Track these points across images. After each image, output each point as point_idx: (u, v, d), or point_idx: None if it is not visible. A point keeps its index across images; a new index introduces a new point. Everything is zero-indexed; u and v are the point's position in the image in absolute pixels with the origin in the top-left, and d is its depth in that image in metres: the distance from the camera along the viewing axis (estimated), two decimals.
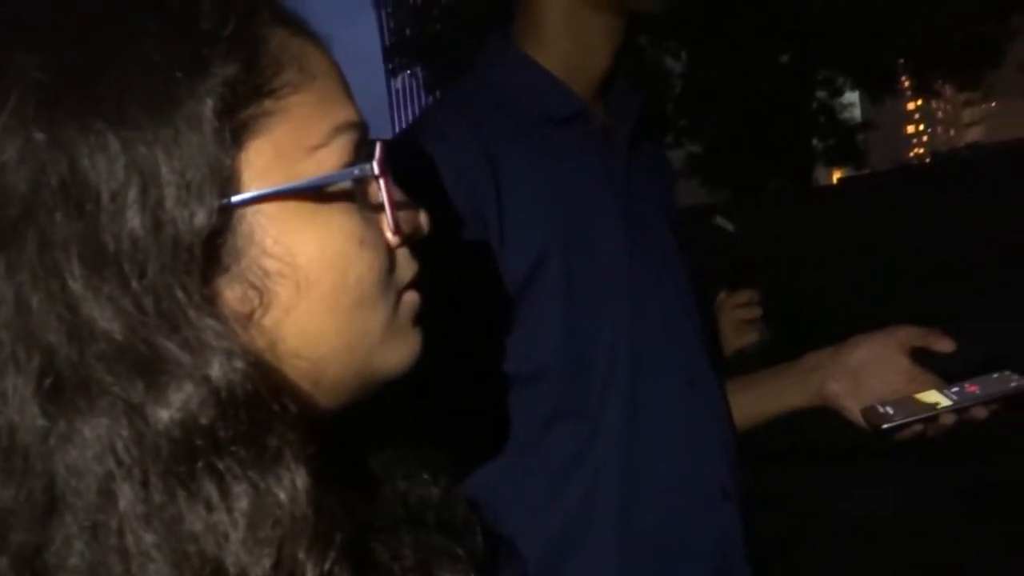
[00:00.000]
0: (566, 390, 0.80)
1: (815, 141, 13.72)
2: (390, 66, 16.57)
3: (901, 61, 11.98)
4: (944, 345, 0.87)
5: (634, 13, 0.86)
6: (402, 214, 0.46)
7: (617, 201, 0.86)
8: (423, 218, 0.47)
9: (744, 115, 11.98)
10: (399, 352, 0.46)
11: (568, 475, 0.80)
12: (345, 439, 0.46)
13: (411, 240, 0.47)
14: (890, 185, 13.37)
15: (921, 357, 0.88)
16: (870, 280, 8.08)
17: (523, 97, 0.85)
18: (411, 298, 0.47)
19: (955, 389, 0.82)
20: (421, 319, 0.47)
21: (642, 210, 0.88)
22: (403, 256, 0.46)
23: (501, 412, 0.79)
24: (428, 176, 0.77)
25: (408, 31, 14.56)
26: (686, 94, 12.87)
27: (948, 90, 14.79)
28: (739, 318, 1.09)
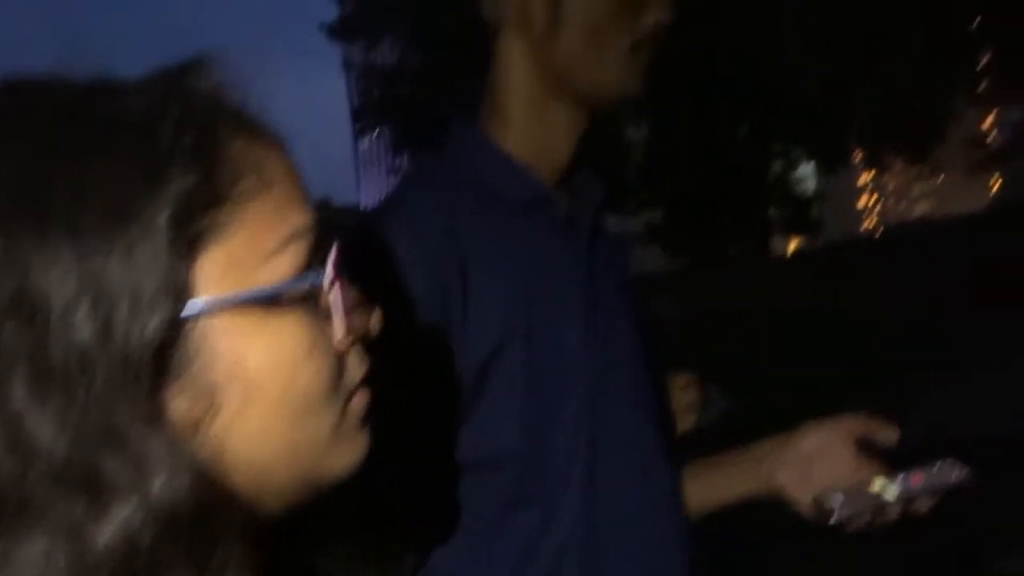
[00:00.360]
0: (525, 477, 0.80)
1: (771, 211, 14.07)
2: (358, 126, 16.72)
3: (854, 135, 12.41)
4: (889, 435, 0.90)
5: (595, 103, 0.89)
6: (354, 316, 0.46)
7: (578, 287, 0.87)
8: (376, 318, 0.48)
9: (703, 185, 12.28)
10: (347, 454, 0.46)
11: (526, 564, 0.80)
12: (292, 538, 0.46)
13: (363, 340, 0.47)
14: (844, 255, 13.70)
15: (868, 445, 0.90)
16: (825, 349, 8.20)
17: (488, 182, 0.87)
18: (360, 399, 0.47)
19: (900, 479, 0.85)
20: (370, 418, 0.47)
21: (603, 296, 0.89)
22: (354, 357, 0.46)
23: (460, 500, 0.79)
24: (393, 260, 0.78)
25: (377, 93, 14.74)
26: (647, 162, 13.16)
27: (898, 164, 15.31)
28: (678, 402, 1.11)
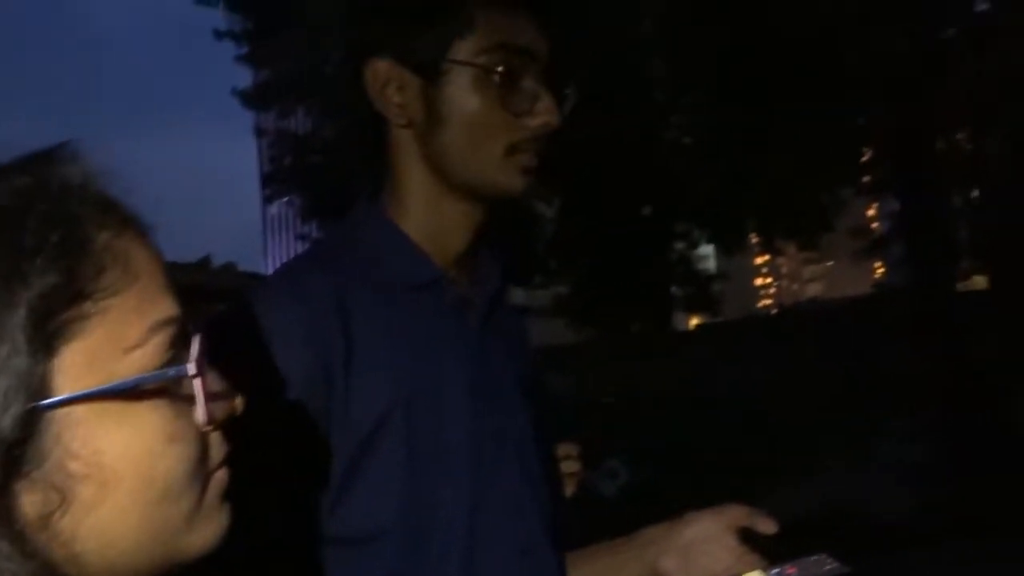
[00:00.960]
0: (404, 553, 0.81)
1: (673, 288, 14.52)
2: (267, 192, 16.48)
3: (750, 221, 13.01)
4: (768, 526, 0.94)
5: (483, 197, 0.90)
6: (217, 402, 0.46)
7: (465, 368, 0.88)
8: (238, 403, 0.47)
9: (609, 261, 12.63)
10: (205, 533, 0.46)
11: None
12: None
13: (226, 422, 0.47)
14: (742, 332, 14.21)
15: (749, 535, 0.95)
16: (725, 421, 8.40)
17: (384, 261, 0.89)
18: (220, 476, 0.47)
19: (776, 571, 0.89)
20: (231, 495, 0.47)
21: (492, 377, 0.91)
22: (215, 440, 0.46)
23: (335, 574, 0.79)
24: (278, 333, 0.79)
25: (288, 160, 14.62)
26: (556, 238, 13.44)
27: (791, 249, 16.05)
28: (562, 471, 1.12)
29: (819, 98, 8.58)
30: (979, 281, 10.85)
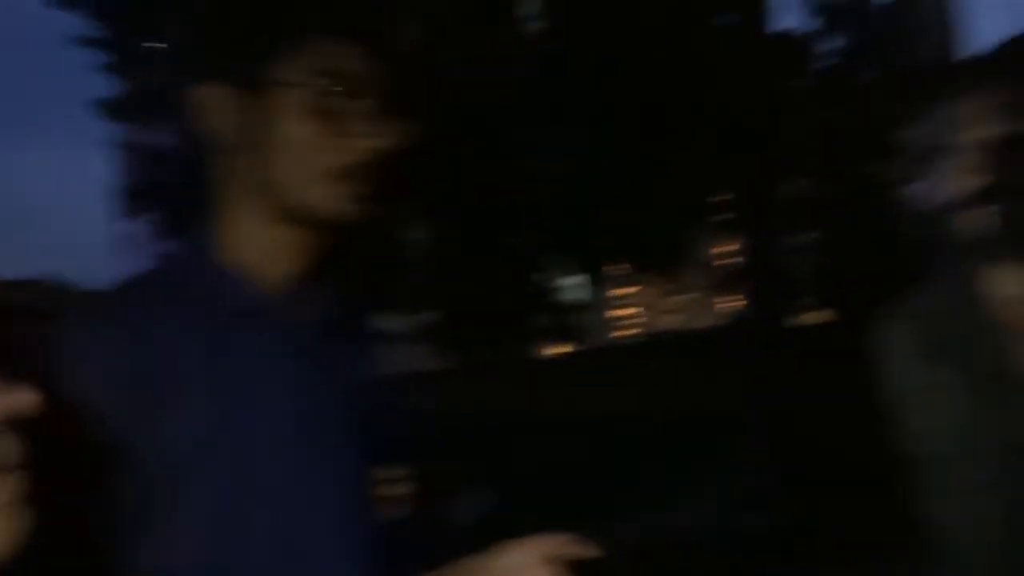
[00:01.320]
0: None
1: (536, 317, 14.77)
2: (122, 208, 15.68)
3: (613, 254, 13.45)
4: (588, 554, 0.97)
5: (308, 222, 0.91)
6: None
7: (287, 396, 0.89)
8: (25, 400, 0.48)
9: (474, 289, 12.73)
10: None
11: None
12: None
13: (14, 423, 0.48)
14: (602, 360, 14.60)
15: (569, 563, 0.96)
16: (586, 448, 8.57)
17: (208, 289, 0.90)
18: (9, 480, 0.47)
19: None
20: (22, 505, 0.47)
21: (319, 407, 0.91)
22: (3, 441, 0.47)
23: None
24: (93, 353, 0.80)
25: (145, 175, 13.99)
26: (425, 263, 13.44)
27: (653, 281, 16.65)
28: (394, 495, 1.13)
29: (673, 142, 9.04)
30: (817, 316, 11.64)
